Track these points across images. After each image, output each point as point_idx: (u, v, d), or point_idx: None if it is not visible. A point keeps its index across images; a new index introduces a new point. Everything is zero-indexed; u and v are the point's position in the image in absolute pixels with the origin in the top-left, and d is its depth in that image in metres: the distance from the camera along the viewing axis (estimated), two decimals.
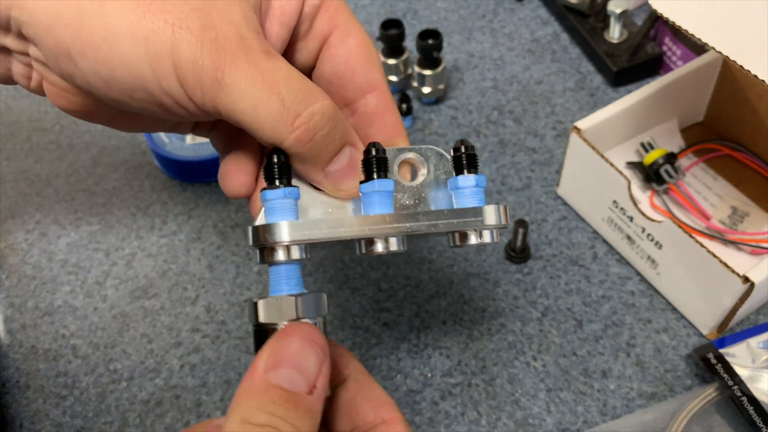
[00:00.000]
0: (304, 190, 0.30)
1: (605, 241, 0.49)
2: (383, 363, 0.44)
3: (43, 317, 0.48)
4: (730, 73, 0.51)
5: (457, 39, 0.63)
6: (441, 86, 0.57)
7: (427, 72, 0.55)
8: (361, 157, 0.30)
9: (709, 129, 0.54)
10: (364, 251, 0.30)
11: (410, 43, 0.62)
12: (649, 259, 0.45)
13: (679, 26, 0.39)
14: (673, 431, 0.40)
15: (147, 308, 0.48)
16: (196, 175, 0.54)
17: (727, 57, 0.36)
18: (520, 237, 0.47)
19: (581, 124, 0.47)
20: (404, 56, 0.57)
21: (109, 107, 0.29)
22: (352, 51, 0.32)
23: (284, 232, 0.28)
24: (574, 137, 0.47)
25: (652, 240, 0.44)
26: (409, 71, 0.58)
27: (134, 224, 0.53)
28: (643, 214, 0.44)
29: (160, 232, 0.52)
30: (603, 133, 0.48)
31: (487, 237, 0.31)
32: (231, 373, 0.45)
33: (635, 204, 0.44)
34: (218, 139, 0.34)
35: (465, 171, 0.31)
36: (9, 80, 0.31)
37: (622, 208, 0.46)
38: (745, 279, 0.39)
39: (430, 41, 0.54)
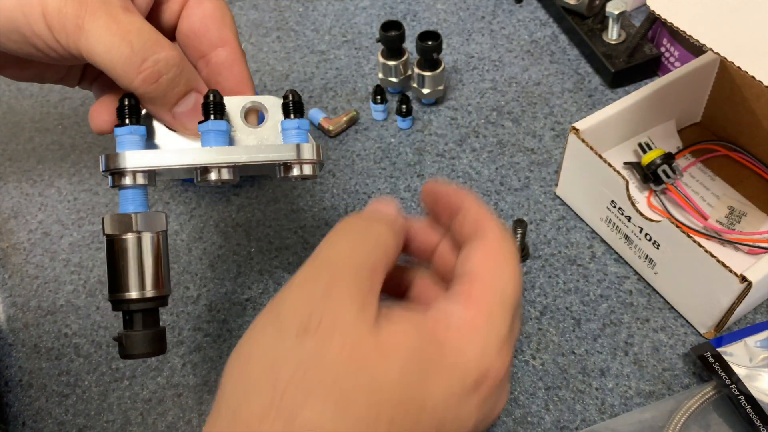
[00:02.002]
0: (164, 132, 0.36)
1: (603, 241, 0.49)
2: None
3: (45, 316, 0.49)
4: (727, 74, 0.51)
5: (456, 40, 0.64)
6: (440, 87, 0.57)
7: (427, 73, 0.56)
8: None
9: (707, 129, 0.54)
10: (200, 179, 0.35)
11: (410, 45, 0.62)
12: (647, 259, 0.46)
13: (676, 27, 0.39)
14: (671, 430, 0.40)
15: None
16: None
17: (725, 58, 0.37)
18: (518, 237, 0.47)
19: (580, 124, 0.47)
20: (404, 58, 0.57)
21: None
22: (207, 12, 0.37)
23: (126, 160, 0.33)
24: (572, 138, 0.47)
25: (650, 240, 0.44)
26: (409, 72, 0.58)
27: None
28: (641, 214, 0.44)
29: None
30: (601, 134, 0.48)
31: (306, 170, 0.36)
32: None
33: (633, 204, 0.45)
34: (97, 90, 0.39)
35: (291, 115, 0.36)
36: None
37: (620, 208, 0.46)
38: (743, 278, 0.39)
39: (430, 43, 0.54)
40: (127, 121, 0.34)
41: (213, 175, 0.34)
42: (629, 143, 0.52)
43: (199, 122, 0.35)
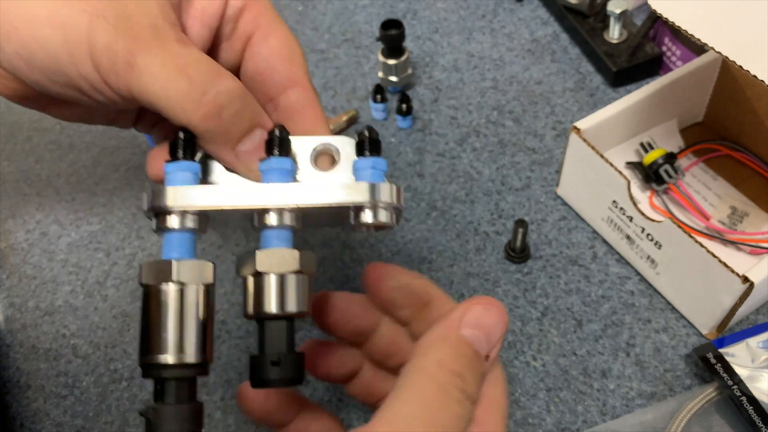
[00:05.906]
0: (221, 173, 0.32)
1: (605, 241, 0.49)
2: None
3: (43, 317, 0.48)
4: (729, 74, 0.51)
5: (456, 39, 0.63)
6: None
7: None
8: None
9: (709, 129, 0.54)
10: (257, 224, 0.30)
11: (410, 44, 0.62)
12: (648, 259, 0.46)
13: (678, 26, 0.39)
14: (673, 431, 0.40)
15: None
16: None
17: (727, 57, 0.37)
18: (519, 237, 0.47)
19: (581, 124, 0.47)
20: (404, 56, 0.57)
21: (40, 93, 0.31)
22: (273, 50, 0.33)
23: (169, 196, 0.29)
24: (573, 137, 0.47)
25: (652, 240, 0.44)
26: (409, 71, 0.58)
27: (135, 224, 0.53)
28: (642, 214, 0.44)
29: None
30: (602, 133, 0.48)
31: (382, 216, 0.30)
32: (231, 372, 0.45)
33: (635, 204, 0.44)
34: (158, 135, 0.36)
35: (366, 152, 0.31)
36: None
37: (621, 208, 0.46)
38: (745, 279, 0.39)
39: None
40: (180, 155, 0.29)
41: (273, 219, 0.30)
42: (631, 143, 0.52)
43: (260, 160, 0.31)
